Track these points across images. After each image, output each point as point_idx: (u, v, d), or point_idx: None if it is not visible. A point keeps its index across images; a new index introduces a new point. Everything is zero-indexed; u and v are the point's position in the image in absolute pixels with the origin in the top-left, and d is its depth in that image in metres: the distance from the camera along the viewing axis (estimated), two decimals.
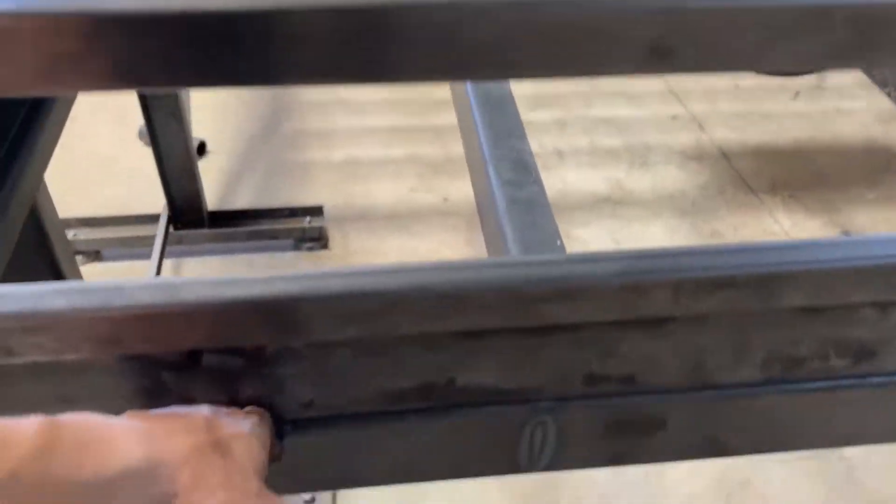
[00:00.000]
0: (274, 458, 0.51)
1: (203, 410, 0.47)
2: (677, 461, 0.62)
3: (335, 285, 0.43)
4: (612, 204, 2.13)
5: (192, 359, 0.47)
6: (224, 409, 0.49)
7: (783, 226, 2.09)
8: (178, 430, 0.43)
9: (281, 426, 0.53)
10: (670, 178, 2.21)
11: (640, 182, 2.19)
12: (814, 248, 0.48)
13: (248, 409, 0.50)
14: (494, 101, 0.82)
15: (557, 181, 2.18)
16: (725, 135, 2.39)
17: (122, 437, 0.38)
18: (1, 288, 0.41)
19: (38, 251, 0.99)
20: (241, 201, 2.07)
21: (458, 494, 1.55)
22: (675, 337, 0.52)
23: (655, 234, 2.02)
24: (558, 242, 0.64)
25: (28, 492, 0.31)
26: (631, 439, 0.59)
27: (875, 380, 0.57)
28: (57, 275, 1.05)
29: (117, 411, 0.50)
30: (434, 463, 0.59)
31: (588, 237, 2.02)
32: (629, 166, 2.25)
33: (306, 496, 1.40)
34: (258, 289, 0.43)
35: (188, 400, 0.50)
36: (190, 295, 0.42)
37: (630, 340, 0.51)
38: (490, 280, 0.44)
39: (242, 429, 0.47)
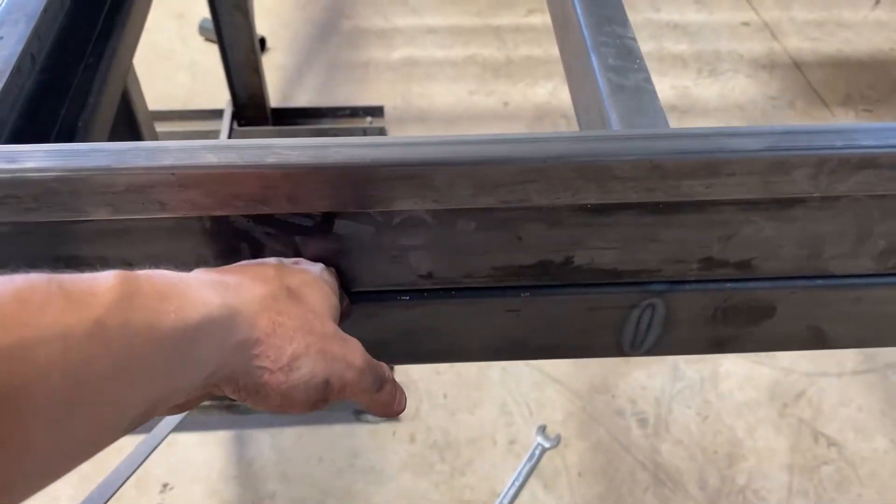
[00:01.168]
0: (343, 313, 0.51)
1: (271, 261, 0.48)
2: (778, 351, 0.63)
3: (476, 151, 0.43)
4: (678, 112, 2.07)
5: (325, 223, 0.48)
6: (290, 260, 0.49)
7: None
8: (250, 280, 0.43)
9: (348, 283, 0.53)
10: (739, 87, 2.14)
11: (709, 90, 2.12)
12: None
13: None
14: None
15: None
16: (799, 43, 2.29)
17: (198, 287, 0.38)
18: (153, 143, 0.42)
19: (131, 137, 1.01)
20: (302, 99, 2.06)
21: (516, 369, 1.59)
22: (800, 222, 0.51)
23: None
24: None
25: (115, 337, 0.32)
26: (736, 327, 0.60)
27: None
28: None
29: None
30: (540, 341, 0.60)
31: None
32: (697, 74, 2.18)
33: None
34: (401, 152, 0.43)
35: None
36: (337, 156, 0.42)
37: (755, 224, 0.51)
38: (633, 150, 0.43)
39: (311, 276, 0.48)
